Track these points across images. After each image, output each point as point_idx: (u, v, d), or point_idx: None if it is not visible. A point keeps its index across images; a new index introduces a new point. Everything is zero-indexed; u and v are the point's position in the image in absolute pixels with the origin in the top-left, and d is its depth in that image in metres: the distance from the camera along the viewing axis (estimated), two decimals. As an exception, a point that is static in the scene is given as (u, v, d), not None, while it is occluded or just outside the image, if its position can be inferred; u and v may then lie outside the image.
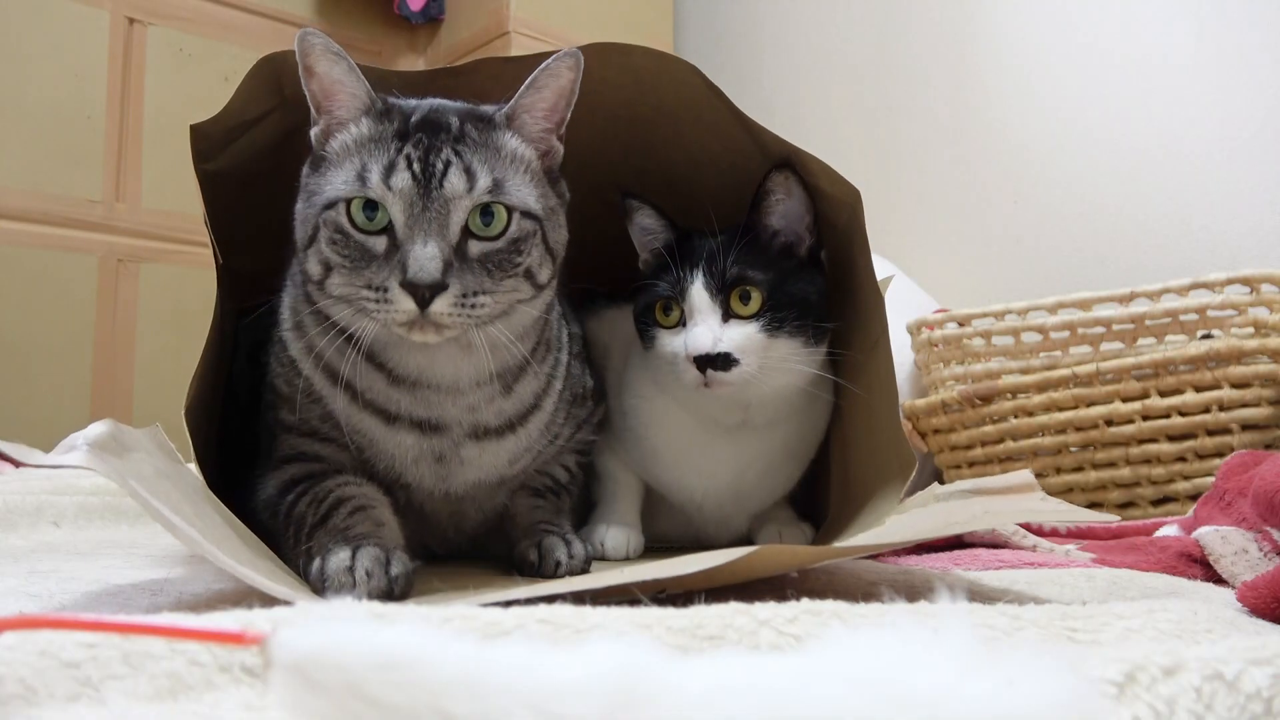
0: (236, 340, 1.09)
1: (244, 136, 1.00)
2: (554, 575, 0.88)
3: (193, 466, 0.87)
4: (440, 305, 0.77)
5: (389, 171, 0.78)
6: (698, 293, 0.98)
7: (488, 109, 0.86)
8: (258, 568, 0.67)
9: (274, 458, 0.91)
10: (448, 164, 0.79)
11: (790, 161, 1.00)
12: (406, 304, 0.76)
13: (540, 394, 0.94)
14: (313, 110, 0.84)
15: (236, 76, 0.95)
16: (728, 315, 0.98)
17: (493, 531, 1.01)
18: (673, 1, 2.79)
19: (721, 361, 0.96)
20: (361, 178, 0.79)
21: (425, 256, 0.76)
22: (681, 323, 1.00)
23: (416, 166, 0.78)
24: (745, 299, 0.98)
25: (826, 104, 2.52)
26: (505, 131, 0.85)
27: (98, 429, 0.67)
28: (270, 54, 0.94)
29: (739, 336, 0.97)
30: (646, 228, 1.08)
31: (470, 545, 1.02)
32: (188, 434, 0.86)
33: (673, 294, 1.00)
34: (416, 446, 0.87)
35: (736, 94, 1.01)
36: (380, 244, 0.78)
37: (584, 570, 0.89)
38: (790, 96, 2.60)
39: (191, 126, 0.97)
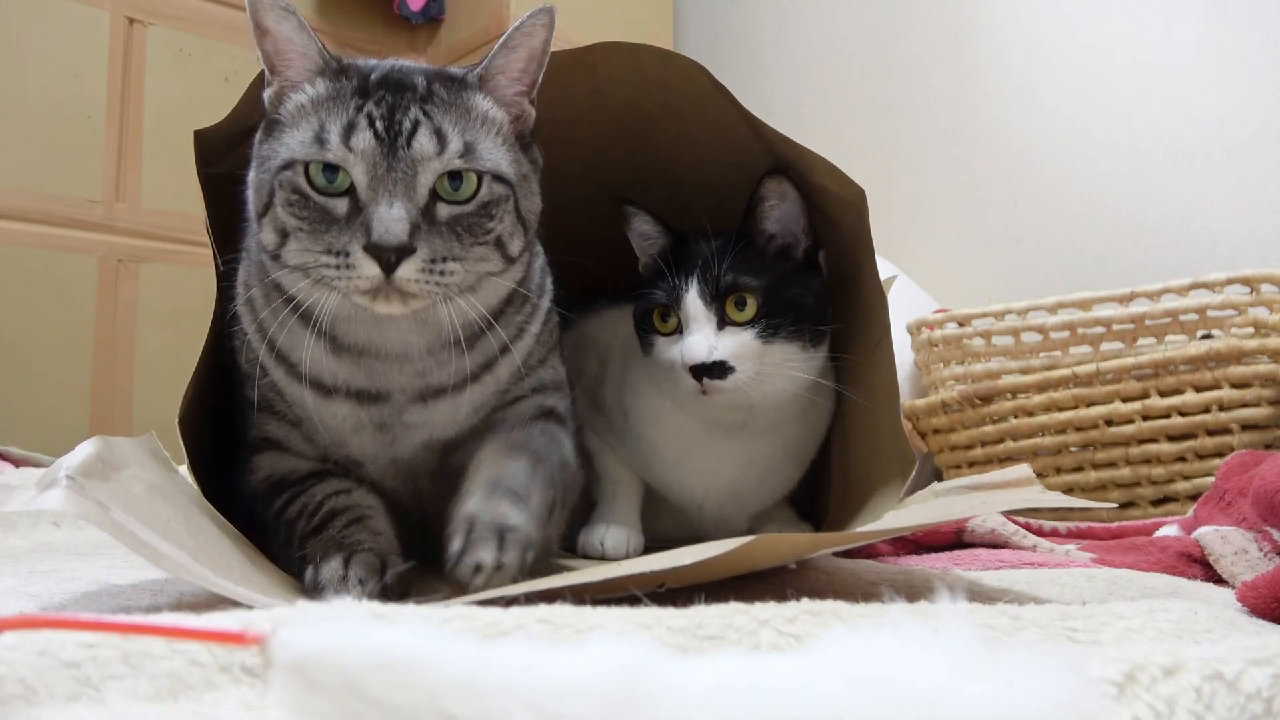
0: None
1: (248, 141, 1.00)
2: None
3: (187, 475, 0.87)
4: (406, 270, 0.71)
5: (349, 131, 0.73)
6: (692, 301, 0.98)
7: (457, 70, 0.82)
8: (252, 582, 0.67)
9: (247, 441, 0.89)
10: (416, 123, 0.74)
11: (785, 166, 1.00)
12: (370, 269, 0.71)
13: (510, 340, 0.87)
14: (266, 72, 0.80)
15: (237, 76, 0.95)
16: (723, 322, 0.98)
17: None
18: (673, 1, 2.79)
19: (717, 370, 0.96)
20: (320, 139, 0.74)
21: (391, 218, 0.71)
22: (679, 330, 1.00)
23: (380, 125, 0.73)
24: (741, 305, 0.98)
25: (826, 104, 2.53)
26: (477, 93, 0.80)
27: (83, 453, 0.64)
28: None
29: (734, 344, 0.97)
30: (644, 233, 1.08)
31: (438, 525, 0.97)
32: (182, 444, 0.85)
33: (668, 301, 1.00)
34: (353, 416, 0.82)
35: (737, 94, 1.01)
36: (341, 206, 0.73)
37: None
38: (790, 96, 2.60)
39: (195, 132, 0.97)
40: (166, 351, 2.23)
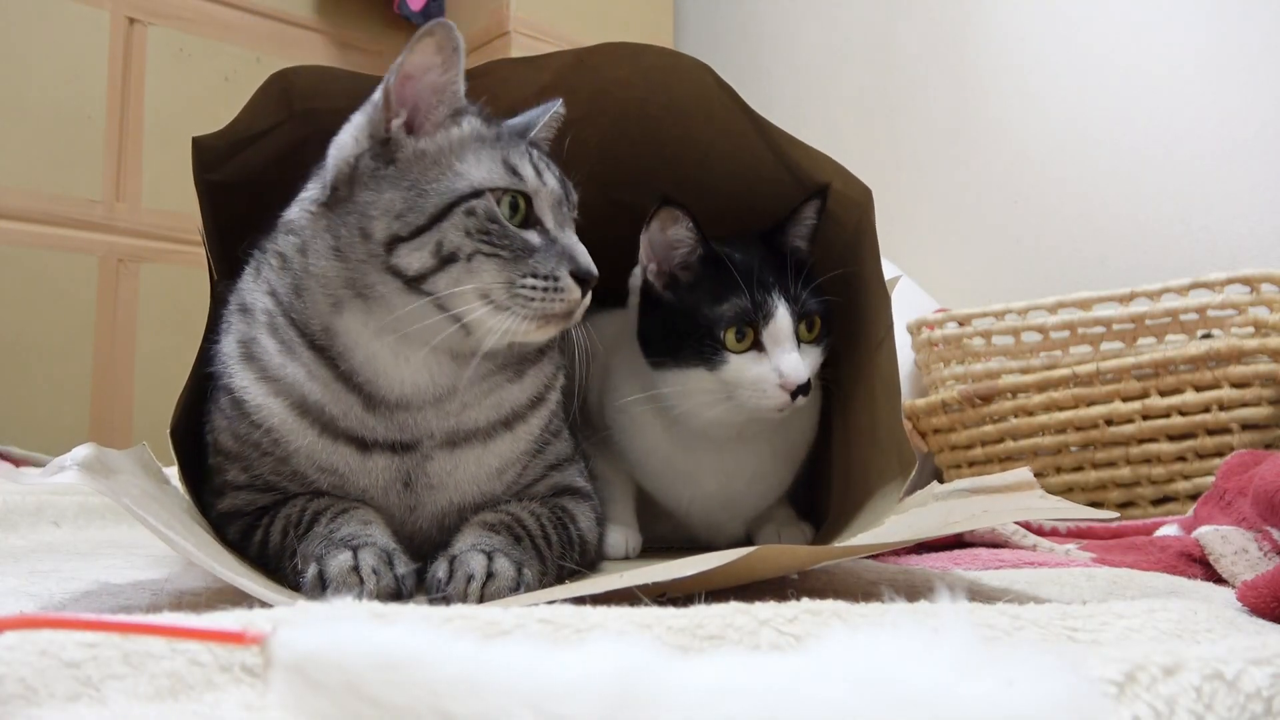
0: None
1: (250, 148, 0.99)
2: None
3: (178, 484, 0.86)
4: (588, 296, 0.80)
5: (538, 172, 0.81)
6: (783, 319, 0.97)
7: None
8: (253, 579, 0.67)
9: (220, 511, 0.85)
10: (564, 181, 0.84)
11: (823, 189, 1.02)
12: (577, 293, 0.78)
13: (549, 383, 0.90)
14: (392, 99, 0.79)
15: (237, 76, 0.95)
16: (797, 341, 0.99)
17: None
18: (673, 1, 2.79)
19: (805, 387, 0.97)
20: (513, 170, 0.80)
21: (585, 253, 0.80)
22: (754, 347, 0.97)
23: (555, 171, 0.83)
24: (811, 325, 1.00)
25: (826, 104, 2.53)
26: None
27: (83, 451, 0.65)
28: (280, 70, 0.93)
29: (812, 362, 0.99)
30: (680, 240, 1.01)
31: None
32: (174, 453, 0.84)
33: (754, 318, 0.97)
34: (388, 470, 0.81)
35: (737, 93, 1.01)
36: (536, 237, 0.79)
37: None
38: (790, 96, 2.60)
39: (194, 139, 0.96)
40: (166, 352, 2.23)
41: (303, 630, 0.36)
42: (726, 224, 1.05)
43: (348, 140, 0.81)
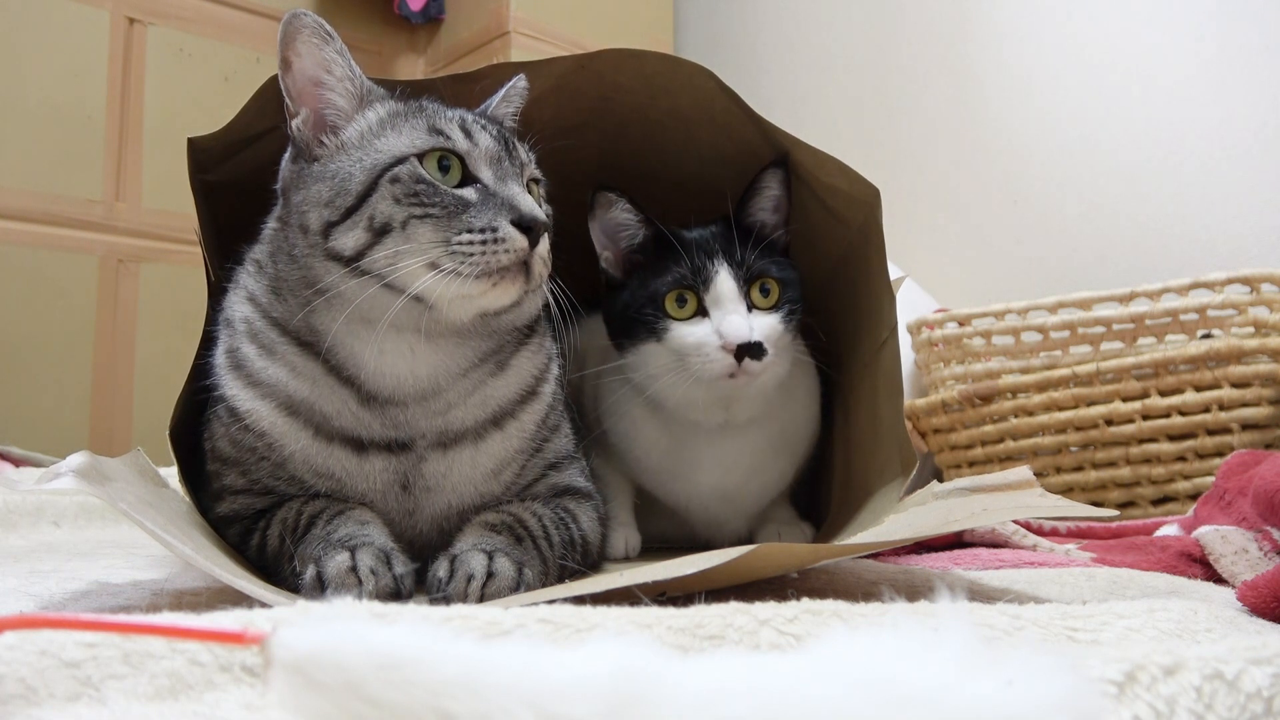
0: None
1: (248, 149, 0.99)
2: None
3: (177, 486, 0.86)
4: (542, 246, 0.77)
5: (466, 131, 0.79)
6: (724, 281, 0.97)
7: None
8: (252, 580, 0.67)
9: (219, 514, 0.84)
10: (506, 136, 0.82)
11: (781, 158, 1.02)
12: (520, 241, 0.75)
13: (540, 375, 0.88)
14: (290, 103, 0.81)
15: (236, 76, 0.94)
16: (749, 307, 0.98)
17: None
18: (673, 1, 2.79)
19: (755, 350, 0.96)
20: (438, 132, 0.78)
21: (529, 200, 0.78)
22: (699, 313, 0.98)
23: (492, 130, 0.81)
24: (765, 291, 0.99)
25: (826, 104, 2.53)
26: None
27: (77, 459, 0.65)
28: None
29: (766, 326, 0.97)
30: (623, 223, 1.03)
31: None
32: (173, 456, 0.84)
33: (693, 283, 0.98)
34: (386, 471, 0.80)
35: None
36: (472, 193, 0.77)
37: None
38: (790, 97, 2.60)
39: (189, 140, 0.96)
40: (166, 352, 2.23)
41: (302, 630, 0.36)
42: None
43: (288, 151, 0.84)
